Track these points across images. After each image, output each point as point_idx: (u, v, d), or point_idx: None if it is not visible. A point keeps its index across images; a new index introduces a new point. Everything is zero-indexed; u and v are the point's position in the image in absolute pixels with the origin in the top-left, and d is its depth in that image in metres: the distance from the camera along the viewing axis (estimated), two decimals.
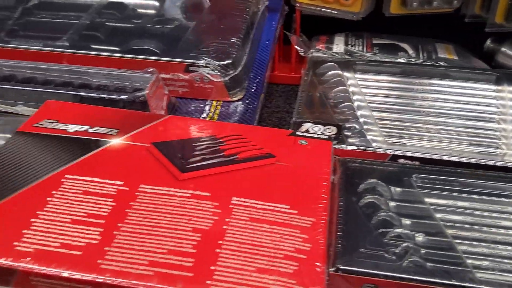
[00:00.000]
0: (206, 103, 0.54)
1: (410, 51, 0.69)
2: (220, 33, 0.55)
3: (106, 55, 0.54)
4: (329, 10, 0.67)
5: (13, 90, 0.51)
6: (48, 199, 0.35)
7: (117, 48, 0.55)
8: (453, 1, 0.64)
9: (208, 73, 0.52)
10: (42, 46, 0.55)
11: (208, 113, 0.53)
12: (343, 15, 0.67)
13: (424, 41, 0.71)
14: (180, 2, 0.63)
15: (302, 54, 0.67)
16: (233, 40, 0.54)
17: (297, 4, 0.68)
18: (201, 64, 0.52)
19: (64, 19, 0.60)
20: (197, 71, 0.52)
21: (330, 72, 0.61)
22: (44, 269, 0.30)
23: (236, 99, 0.54)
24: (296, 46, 0.67)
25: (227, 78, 0.52)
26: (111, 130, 0.43)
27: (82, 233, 0.32)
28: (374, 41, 0.70)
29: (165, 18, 0.60)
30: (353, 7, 0.66)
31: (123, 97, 0.49)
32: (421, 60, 0.66)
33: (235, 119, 0.53)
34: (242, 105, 0.54)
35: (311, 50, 0.67)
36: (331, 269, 0.34)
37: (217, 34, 0.55)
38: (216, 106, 0.54)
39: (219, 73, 0.52)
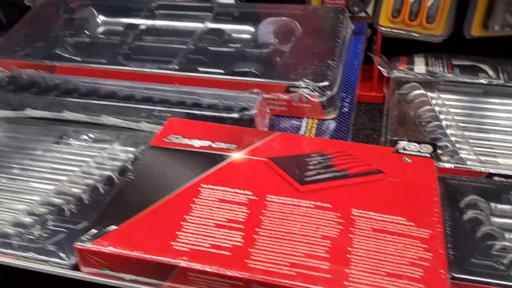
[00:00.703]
0: (302, 121, 0.59)
1: (490, 72, 0.71)
2: (316, 56, 0.60)
3: (212, 77, 0.60)
4: (412, 33, 0.71)
5: (134, 108, 0.57)
6: (191, 205, 0.40)
7: (221, 71, 0.61)
8: None
9: (307, 94, 0.57)
10: (156, 69, 0.61)
11: (306, 130, 0.58)
12: (426, 38, 0.71)
13: (503, 62, 0.73)
14: (273, 28, 0.68)
15: (385, 74, 0.71)
16: (329, 62, 0.59)
17: (381, 28, 0.72)
18: (301, 86, 0.57)
19: (171, 44, 0.67)
20: (296, 91, 0.57)
21: (414, 92, 0.65)
22: (203, 267, 0.35)
23: (330, 117, 0.59)
24: (379, 67, 0.71)
25: (324, 99, 0.57)
26: (231, 146, 0.48)
27: (227, 236, 0.38)
28: (454, 62, 0.73)
29: (261, 42, 0.66)
30: (436, 30, 0.69)
31: (233, 115, 0.54)
32: (502, 81, 0.68)
33: (330, 137, 0.57)
34: (336, 123, 0.58)
35: (394, 71, 0.71)
36: None
37: (313, 57, 0.60)
38: (312, 124, 0.58)
39: (317, 94, 0.56)
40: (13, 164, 0.53)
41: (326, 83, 0.56)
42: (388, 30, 0.73)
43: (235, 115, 0.54)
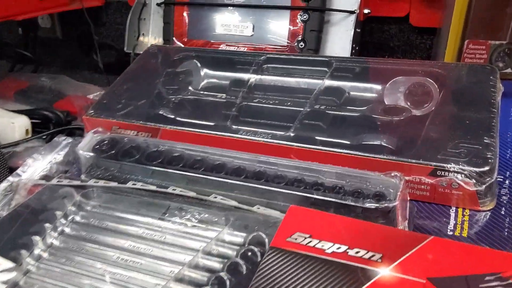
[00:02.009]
0: (451, 211, 0.48)
1: None
2: (468, 130, 0.49)
3: (335, 151, 0.51)
4: None
5: (246, 186, 0.49)
6: None
7: (346, 142, 0.52)
8: None
9: (460, 180, 0.46)
10: (269, 137, 0.53)
11: (456, 223, 0.46)
12: None
13: None
14: (403, 88, 0.58)
15: None
16: (487, 141, 0.47)
17: None
18: (453, 169, 0.46)
19: (284, 105, 0.59)
20: (446, 175, 0.46)
21: None
22: None
23: (487, 208, 0.47)
24: None
25: (482, 187, 0.45)
26: (374, 255, 0.38)
27: None
28: None
29: (392, 106, 0.56)
30: None
31: (368, 204, 0.44)
32: None
33: (487, 233, 0.45)
34: (493, 216, 0.46)
35: None
36: None
37: (465, 130, 0.49)
38: (464, 215, 0.47)
39: (474, 181, 0.45)
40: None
41: (486, 168, 0.45)
42: None
43: (370, 204, 0.44)
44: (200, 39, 0.80)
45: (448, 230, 0.46)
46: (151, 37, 0.87)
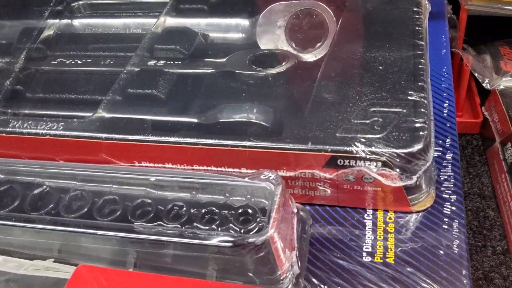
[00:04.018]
0: (365, 216, 0.29)
1: None
2: (383, 83, 0.29)
3: (174, 142, 0.30)
4: None
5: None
6: None
7: (193, 121, 0.31)
8: None
9: (374, 171, 0.27)
10: (61, 128, 0.31)
11: (374, 239, 0.28)
12: None
13: None
14: (282, 20, 0.37)
15: (486, 86, 0.41)
16: (415, 97, 0.28)
17: (470, 2, 0.41)
18: (362, 155, 0.27)
19: (94, 66, 0.36)
20: (351, 166, 0.27)
21: None
22: None
23: (421, 208, 0.29)
24: (473, 72, 0.41)
25: (413, 178, 0.27)
26: None
27: None
28: None
29: (266, 52, 0.35)
30: None
31: (218, 241, 0.24)
32: None
33: (422, 246, 0.27)
34: (431, 219, 0.29)
35: (498, 77, 0.41)
36: None
37: (378, 84, 0.29)
38: (386, 223, 0.29)
39: (397, 172, 0.26)
40: None
41: (417, 146, 0.26)
42: (480, 4, 0.42)
43: (221, 240, 0.24)
44: None
45: (364, 254, 0.28)
46: None
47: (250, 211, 0.26)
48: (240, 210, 0.26)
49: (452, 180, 0.30)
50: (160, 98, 0.33)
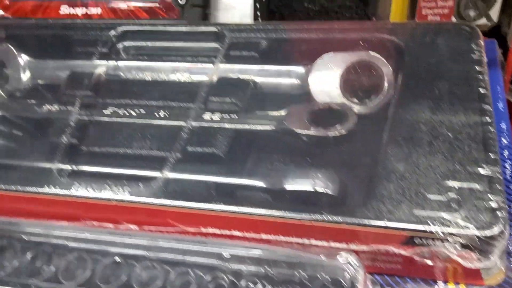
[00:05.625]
0: (435, 287, 0.29)
1: None
2: (455, 149, 0.29)
3: (240, 213, 0.29)
4: None
5: None
6: None
7: (258, 185, 0.31)
8: None
9: (452, 251, 0.27)
10: (127, 193, 0.31)
11: None
12: None
13: None
14: (337, 70, 0.36)
15: None
16: (488, 170, 0.28)
17: None
18: (439, 235, 0.26)
19: (150, 119, 0.35)
20: (428, 245, 0.27)
21: None
22: None
23: (494, 282, 0.29)
24: None
25: (491, 260, 0.27)
26: None
27: None
28: None
29: (325, 107, 0.34)
30: None
31: None
32: None
33: None
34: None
35: None
36: None
37: (449, 150, 0.29)
38: None
39: (477, 254, 0.26)
40: None
41: (496, 228, 0.26)
42: None
43: None
44: None
45: None
46: None
47: None
48: None
49: None
50: (221, 158, 0.32)
